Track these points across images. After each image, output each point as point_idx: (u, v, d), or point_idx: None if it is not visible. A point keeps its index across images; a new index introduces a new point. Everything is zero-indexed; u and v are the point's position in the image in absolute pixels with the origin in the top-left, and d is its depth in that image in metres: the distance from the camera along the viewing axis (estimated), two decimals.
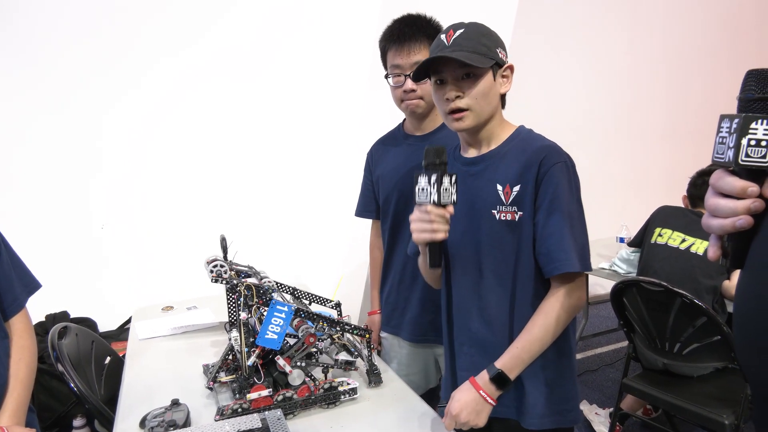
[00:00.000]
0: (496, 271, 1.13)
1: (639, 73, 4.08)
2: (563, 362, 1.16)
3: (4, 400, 1.08)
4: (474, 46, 1.06)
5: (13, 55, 2.38)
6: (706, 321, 1.86)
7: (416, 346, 1.61)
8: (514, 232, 1.11)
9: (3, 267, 1.16)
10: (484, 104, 1.10)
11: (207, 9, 2.67)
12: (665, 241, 2.22)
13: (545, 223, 1.08)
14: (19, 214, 2.45)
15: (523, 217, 1.10)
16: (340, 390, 1.29)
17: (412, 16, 1.47)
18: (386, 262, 1.66)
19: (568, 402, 1.16)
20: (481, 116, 1.12)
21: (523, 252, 1.11)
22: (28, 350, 1.17)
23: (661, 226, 2.29)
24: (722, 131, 0.60)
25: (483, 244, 1.14)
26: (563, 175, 1.08)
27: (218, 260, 1.33)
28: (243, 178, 2.88)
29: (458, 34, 1.07)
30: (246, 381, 1.24)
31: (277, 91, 2.86)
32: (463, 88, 1.09)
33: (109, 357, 1.85)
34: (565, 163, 1.09)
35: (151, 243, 2.73)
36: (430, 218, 1.03)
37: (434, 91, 1.14)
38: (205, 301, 2.19)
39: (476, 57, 1.06)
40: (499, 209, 1.12)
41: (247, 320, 1.26)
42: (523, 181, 1.10)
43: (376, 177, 1.65)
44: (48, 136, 2.49)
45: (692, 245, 2.14)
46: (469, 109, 1.10)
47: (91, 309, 2.62)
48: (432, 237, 1.04)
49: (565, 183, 1.08)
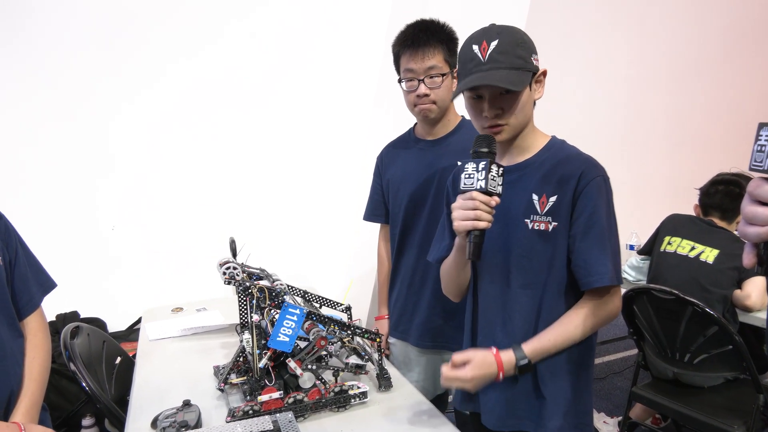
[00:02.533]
0: (524, 282, 1.13)
1: (645, 80, 4.07)
2: (583, 375, 1.15)
3: (19, 398, 1.09)
4: (511, 60, 1.05)
5: (25, 60, 2.41)
6: (718, 330, 1.84)
7: (425, 351, 1.61)
8: (547, 242, 1.11)
9: (19, 266, 1.17)
10: (521, 117, 1.11)
11: (219, 13, 2.69)
12: (674, 249, 2.21)
13: (584, 236, 1.08)
14: (31, 214, 2.47)
15: (557, 228, 1.10)
16: (351, 394, 1.29)
17: (425, 22, 1.48)
18: (395, 266, 1.67)
19: (585, 415, 1.16)
20: (518, 128, 1.12)
21: (555, 263, 1.11)
22: (42, 349, 1.18)
23: (670, 234, 2.28)
24: (761, 139, 0.59)
25: (513, 253, 1.14)
26: (602, 190, 1.09)
27: (231, 262, 1.34)
28: (252, 181, 2.89)
29: (493, 48, 1.05)
30: (257, 383, 1.24)
31: (287, 95, 2.87)
32: (502, 104, 1.08)
33: (120, 357, 1.87)
34: (603, 177, 1.10)
35: (160, 244, 2.74)
36: (474, 205, 1.00)
37: (470, 105, 1.13)
38: (214, 303, 2.20)
39: (515, 75, 1.04)
40: (532, 218, 1.11)
41: (259, 322, 1.26)
42: (560, 192, 1.10)
43: (386, 181, 1.65)
44: (60, 138, 2.51)
45: (701, 253, 2.13)
46: (507, 124, 1.10)
47: (100, 309, 2.64)
48: (474, 225, 1.01)
49: (604, 197, 1.09)
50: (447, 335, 1.54)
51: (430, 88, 1.45)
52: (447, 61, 1.45)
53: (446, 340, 1.55)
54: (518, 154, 1.17)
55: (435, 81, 1.45)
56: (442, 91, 1.47)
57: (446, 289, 1.29)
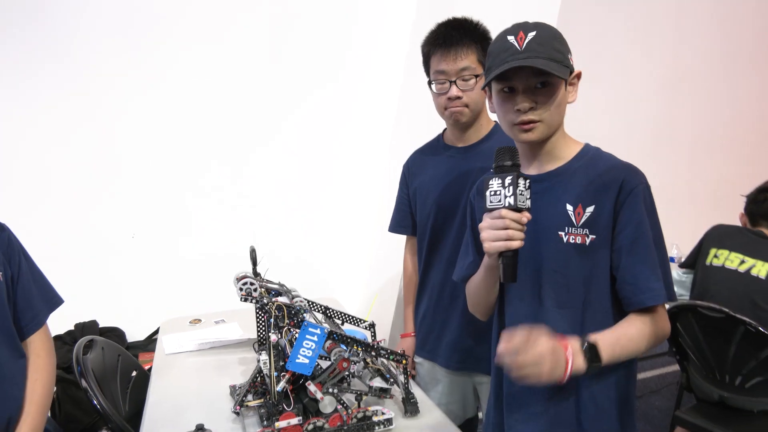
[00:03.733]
0: (558, 300, 1.02)
1: (684, 82, 3.90)
2: (627, 406, 1.05)
3: (19, 424, 1.03)
4: (549, 52, 0.97)
5: (45, 68, 2.40)
6: (744, 332, 1.71)
7: (454, 373, 1.51)
8: (584, 256, 1.00)
9: (23, 282, 1.12)
10: (556, 115, 1.01)
11: (241, 16, 2.65)
12: (722, 263, 2.06)
13: (630, 250, 0.98)
14: (51, 223, 2.46)
15: (595, 242, 0.99)
16: (375, 420, 1.20)
17: (458, 20, 1.38)
18: (422, 281, 1.57)
19: None
20: (551, 128, 1.02)
21: (594, 280, 1.00)
22: (45, 370, 1.12)
23: (716, 246, 2.13)
24: None
25: (545, 268, 1.03)
26: (646, 199, 0.99)
27: (248, 277, 1.27)
28: (274, 191, 2.85)
29: (531, 37, 0.97)
30: (274, 407, 1.16)
31: (309, 103, 2.83)
32: (537, 98, 0.99)
33: (135, 372, 1.81)
34: (646, 185, 1.00)
35: (180, 253, 2.71)
36: (504, 224, 0.92)
37: (500, 100, 1.03)
38: (233, 314, 2.13)
39: (555, 65, 0.96)
40: (567, 231, 1.01)
41: (277, 342, 1.18)
42: (598, 203, 0.99)
43: (413, 190, 1.56)
44: (80, 147, 2.50)
45: (753, 267, 1.97)
46: (541, 120, 1.00)
47: (119, 319, 2.61)
48: (507, 245, 0.93)
49: (649, 207, 0.99)
50: (478, 356, 1.43)
51: (462, 90, 1.36)
52: (480, 62, 1.35)
53: (477, 361, 1.44)
54: (548, 162, 1.07)
55: (468, 83, 1.36)
56: (474, 94, 1.37)
57: (474, 308, 1.19)
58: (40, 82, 2.40)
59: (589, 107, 3.51)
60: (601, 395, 1.02)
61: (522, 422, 1.07)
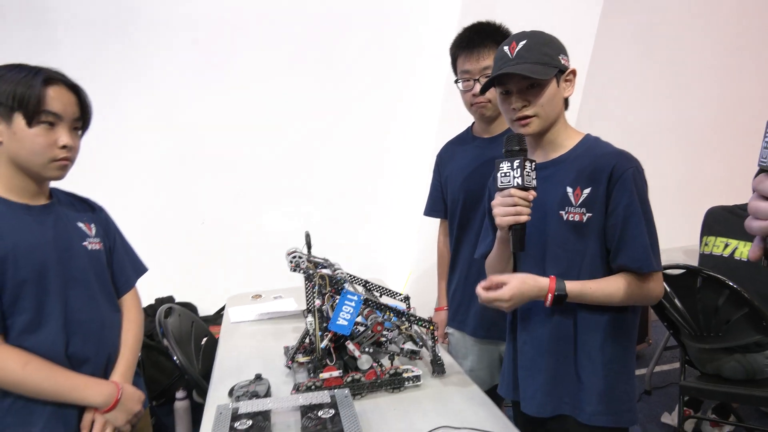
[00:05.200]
0: (558, 271, 1.17)
1: (730, 75, 3.76)
2: (620, 361, 1.17)
3: (116, 363, 1.28)
4: (536, 57, 1.11)
5: (129, 73, 2.72)
6: (730, 294, 1.80)
7: (481, 342, 1.66)
8: (580, 232, 1.15)
9: (117, 253, 1.38)
10: (549, 110, 1.16)
11: (295, 10, 2.88)
12: (710, 251, 2.10)
13: (624, 225, 1.11)
14: (136, 213, 2.79)
15: (591, 219, 1.14)
16: (405, 376, 1.38)
17: (481, 24, 1.53)
18: (453, 259, 1.73)
19: (623, 403, 1.17)
20: (547, 121, 1.17)
21: (588, 252, 1.15)
22: (135, 323, 1.37)
23: (707, 233, 2.18)
24: (767, 137, 0.61)
25: (549, 244, 1.19)
26: (636, 181, 1.11)
27: (297, 252, 1.47)
28: (326, 181, 3.08)
29: (521, 46, 1.12)
30: (319, 362, 1.36)
31: (356, 95, 3.02)
32: (529, 97, 1.15)
33: (206, 337, 2.08)
34: (637, 168, 1.13)
35: (244, 238, 2.99)
36: (513, 201, 1.07)
37: (500, 101, 1.20)
38: (290, 291, 2.37)
39: (539, 68, 1.10)
40: (567, 210, 1.16)
41: (321, 307, 1.38)
42: (594, 184, 1.13)
43: (445, 177, 1.72)
44: (159, 150, 2.83)
45: (735, 250, 2.00)
46: (535, 115, 1.15)
47: (192, 295, 2.92)
48: (516, 219, 1.08)
49: (639, 188, 1.11)
50: (502, 327, 1.57)
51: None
52: None
53: (501, 331, 1.58)
54: (552, 151, 1.22)
55: None
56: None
57: None
58: (125, 91, 2.73)
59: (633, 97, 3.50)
60: (594, 351, 1.16)
61: (530, 377, 1.23)
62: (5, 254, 1.07)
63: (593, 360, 1.15)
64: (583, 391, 1.16)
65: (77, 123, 1.18)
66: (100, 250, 1.29)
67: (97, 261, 1.27)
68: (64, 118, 1.13)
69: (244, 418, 1.13)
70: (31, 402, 1.10)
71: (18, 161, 1.11)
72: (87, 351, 1.19)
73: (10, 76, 1.08)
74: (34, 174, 1.14)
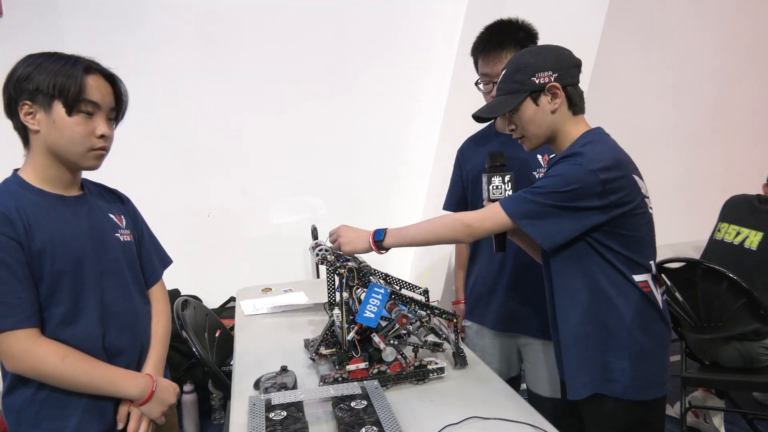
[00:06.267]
0: None
1: (731, 73, 3.83)
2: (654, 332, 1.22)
3: (148, 355, 1.28)
4: (507, 87, 1.23)
5: (146, 75, 2.69)
6: (729, 284, 1.86)
7: (499, 335, 1.69)
8: None
9: (145, 244, 1.37)
10: (534, 129, 1.25)
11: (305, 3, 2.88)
12: (722, 237, 2.17)
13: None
14: (140, 204, 2.77)
15: None
16: (429, 368, 1.40)
17: (500, 24, 1.54)
18: (473, 253, 1.75)
19: (655, 376, 1.21)
20: (538, 138, 1.26)
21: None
22: (164, 314, 1.37)
23: (723, 219, 2.26)
24: None
25: None
26: (567, 166, 1.17)
27: (323, 245, 1.48)
28: (333, 173, 3.07)
29: (501, 76, 1.26)
30: (345, 354, 1.38)
31: (365, 88, 3.03)
32: (514, 121, 1.27)
33: (219, 330, 2.08)
34: (575, 154, 1.19)
35: (250, 231, 2.98)
36: None
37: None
38: (298, 285, 2.37)
39: (506, 99, 1.23)
40: None
41: (347, 300, 1.39)
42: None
43: (466, 173, 1.73)
44: (166, 146, 2.82)
45: (746, 239, 2.06)
46: (524, 135, 1.27)
47: (197, 288, 2.92)
48: None
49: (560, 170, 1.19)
50: (522, 320, 1.61)
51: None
52: None
53: (521, 324, 1.62)
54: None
55: None
56: None
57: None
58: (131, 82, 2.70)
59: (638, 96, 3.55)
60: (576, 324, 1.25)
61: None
62: (43, 246, 1.06)
63: (619, 337, 1.20)
64: (611, 369, 1.20)
65: (112, 113, 1.18)
66: (131, 242, 1.29)
67: (129, 252, 1.27)
68: (102, 107, 1.13)
69: (278, 409, 1.15)
70: (66, 394, 1.10)
71: (56, 150, 1.11)
72: (122, 342, 1.19)
73: (48, 65, 1.08)
74: (71, 163, 1.14)
